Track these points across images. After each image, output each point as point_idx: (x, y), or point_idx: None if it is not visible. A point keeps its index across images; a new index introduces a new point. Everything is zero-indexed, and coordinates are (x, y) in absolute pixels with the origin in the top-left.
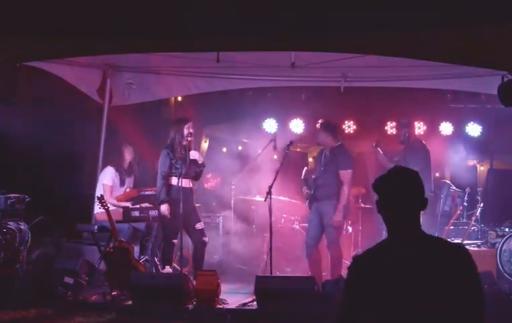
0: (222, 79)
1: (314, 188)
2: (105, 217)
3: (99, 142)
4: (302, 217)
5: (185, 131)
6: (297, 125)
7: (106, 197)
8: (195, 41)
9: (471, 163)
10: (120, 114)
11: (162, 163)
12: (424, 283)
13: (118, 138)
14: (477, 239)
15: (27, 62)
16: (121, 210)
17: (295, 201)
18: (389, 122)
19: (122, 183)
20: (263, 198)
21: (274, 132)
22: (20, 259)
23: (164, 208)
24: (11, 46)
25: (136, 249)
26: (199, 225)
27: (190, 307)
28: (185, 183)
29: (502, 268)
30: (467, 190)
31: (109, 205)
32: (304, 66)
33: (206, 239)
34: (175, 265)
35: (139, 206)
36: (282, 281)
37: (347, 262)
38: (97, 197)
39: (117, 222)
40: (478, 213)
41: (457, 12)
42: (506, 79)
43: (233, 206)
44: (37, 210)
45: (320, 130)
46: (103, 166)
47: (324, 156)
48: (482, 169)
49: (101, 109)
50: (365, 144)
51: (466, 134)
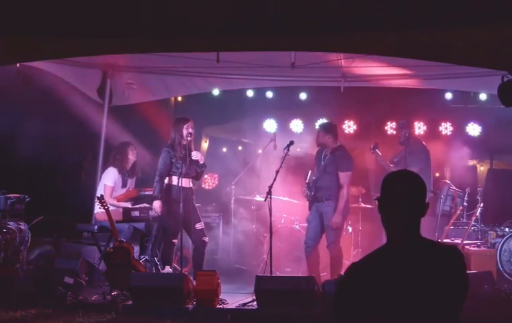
0: (222, 79)
1: (314, 189)
2: (105, 217)
3: (99, 142)
4: (302, 217)
5: (185, 131)
6: (297, 125)
7: (106, 198)
8: (195, 41)
9: (471, 163)
10: (120, 114)
11: (162, 161)
12: (420, 291)
13: (122, 139)
14: (477, 239)
15: (27, 62)
16: (121, 210)
17: (295, 201)
18: (389, 122)
19: (124, 184)
20: (263, 198)
21: (274, 132)
22: (20, 259)
23: (156, 205)
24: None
25: (136, 249)
26: (200, 225)
27: (190, 307)
28: (185, 183)
29: (502, 268)
30: (467, 190)
31: (109, 205)
32: (304, 66)
33: (206, 239)
34: (175, 265)
35: (139, 206)
36: (282, 281)
37: (347, 262)
38: (97, 197)
39: (117, 222)
40: (478, 213)
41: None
42: (506, 79)
43: (233, 206)
44: (37, 210)
45: (320, 131)
46: (106, 166)
47: (324, 157)
48: (482, 169)
49: (101, 109)
50: (365, 144)
51: (466, 134)
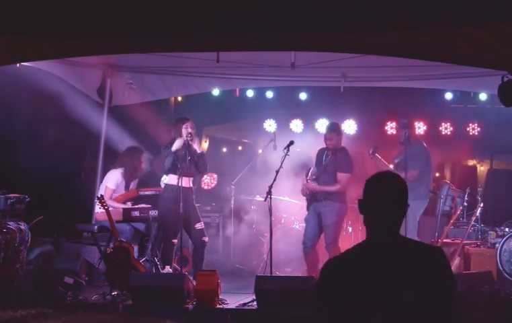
0: (222, 79)
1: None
2: (105, 217)
3: (99, 142)
4: (301, 217)
5: (184, 131)
6: (297, 125)
7: (106, 200)
8: (195, 41)
9: (471, 163)
10: (120, 114)
11: (167, 160)
12: (397, 287)
13: (134, 145)
14: (477, 239)
15: (27, 62)
16: (121, 210)
17: (295, 201)
18: (389, 122)
19: (127, 187)
20: (263, 198)
21: (274, 132)
22: (20, 259)
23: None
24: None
25: (136, 249)
26: (199, 225)
27: (190, 307)
28: (185, 183)
29: (502, 268)
30: (467, 190)
31: (109, 206)
32: (304, 66)
33: (206, 239)
34: (175, 265)
35: (139, 206)
36: (282, 281)
37: None
38: (97, 197)
39: (117, 222)
40: (478, 213)
41: (457, 12)
42: (506, 79)
43: (233, 206)
44: (37, 210)
45: (332, 133)
46: (111, 167)
47: (326, 156)
48: (482, 169)
49: (101, 109)
50: (365, 144)
51: (466, 134)
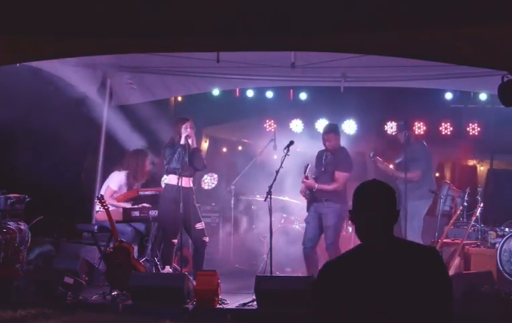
0: (222, 79)
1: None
2: (105, 217)
3: (99, 142)
4: (302, 217)
5: (184, 131)
6: (297, 125)
7: (106, 199)
8: (195, 41)
9: (471, 163)
10: (120, 114)
11: (170, 157)
12: (393, 288)
13: (139, 148)
14: (477, 239)
15: (27, 62)
16: (121, 210)
17: (295, 201)
18: (389, 122)
19: (129, 190)
20: (263, 198)
21: (274, 132)
22: (20, 259)
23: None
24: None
25: (136, 249)
26: (200, 225)
27: (190, 307)
28: (185, 183)
29: (502, 268)
30: (467, 190)
31: (109, 205)
32: (304, 66)
33: (206, 239)
34: (175, 265)
35: (139, 206)
36: (282, 281)
37: None
38: (97, 197)
39: (117, 222)
40: (478, 213)
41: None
42: (506, 79)
43: (233, 206)
44: (37, 210)
45: (330, 133)
46: (115, 169)
47: (325, 157)
48: (482, 169)
49: (101, 109)
50: (365, 144)
51: (466, 134)
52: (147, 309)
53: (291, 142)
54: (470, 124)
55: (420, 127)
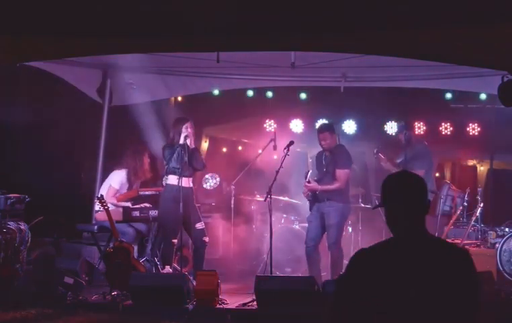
0: (222, 79)
1: None
2: (105, 217)
3: (99, 143)
4: (302, 217)
5: (183, 130)
6: (297, 125)
7: (107, 198)
8: (195, 41)
9: (471, 163)
10: (120, 114)
11: (169, 157)
12: (422, 284)
13: (137, 145)
14: (477, 239)
15: (27, 62)
16: (121, 210)
17: (295, 201)
18: (389, 122)
19: (131, 188)
20: (263, 198)
21: (274, 132)
22: (20, 259)
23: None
24: (11, 46)
25: (136, 249)
26: (200, 225)
27: (190, 307)
28: (185, 182)
29: (502, 268)
30: (467, 190)
31: (109, 205)
32: (304, 66)
33: (206, 239)
34: (175, 265)
35: (139, 206)
36: (282, 281)
37: (346, 263)
38: (97, 197)
39: (117, 222)
40: (478, 213)
41: (457, 12)
42: (506, 79)
43: (233, 206)
44: (37, 210)
45: (325, 132)
46: (116, 167)
47: (325, 158)
48: (482, 169)
49: (101, 109)
50: (365, 144)
51: (466, 134)
52: (147, 309)
53: (291, 142)
54: (470, 124)
55: (420, 127)
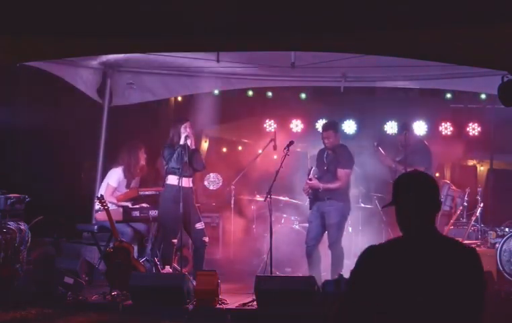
0: (222, 79)
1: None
2: (105, 217)
3: (99, 143)
4: (302, 217)
5: (183, 131)
6: (297, 125)
7: (106, 197)
8: (195, 41)
9: (471, 163)
10: (120, 114)
11: (169, 158)
12: (431, 284)
13: (132, 141)
14: (477, 239)
15: (27, 62)
16: (121, 210)
17: (295, 201)
18: (389, 122)
19: (129, 185)
20: (263, 198)
21: (274, 132)
22: (20, 259)
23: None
24: (11, 46)
25: (136, 250)
26: (200, 225)
27: (190, 307)
28: (185, 182)
29: (502, 268)
30: (467, 190)
31: (109, 205)
32: (304, 66)
33: (206, 239)
34: (175, 265)
35: (139, 206)
36: (282, 281)
37: (347, 262)
38: (97, 197)
39: (117, 222)
40: (478, 213)
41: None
42: (506, 79)
43: (233, 206)
44: (37, 210)
45: (329, 130)
46: (112, 166)
47: (326, 156)
48: (482, 169)
49: (101, 109)
50: (365, 144)
51: (466, 134)
52: (147, 309)
53: (291, 142)
54: (470, 124)
55: (420, 127)
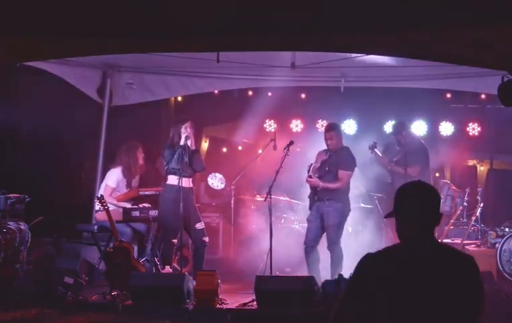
0: (222, 79)
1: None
2: (105, 217)
3: (99, 143)
4: (302, 217)
5: (183, 131)
6: (297, 125)
7: (106, 198)
8: (195, 41)
9: (471, 163)
10: (120, 114)
11: (169, 158)
12: (429, 293)
13: (130, 141)
14: (477, 239)
15: (27, 62)
16: (121, 210)
17: (295, 201)
18: (389, 122)
19: (129, 185)
20: (263, 198)
21: (274, 132)
22: (20, 259)
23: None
24: (11, 46)
25: (136, 250)
26: (200, 225)
27: (190, 307)
28: (185, 183)
29: (502, 268)
30: (467, 190)
31: (109, 205)
32: (304, 66)
33: (206, 239)
34: (175, 265)
35: (139, 206)
36: (282, 281)
37: (347, 263)
38: (97, 197)
39: (117, 222)
40: (478, 213)
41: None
42: (506, 79)
43: (233, 206)
44: (37, 210)
45: (332, 132)
46: (111, 166)
47: (328, 157)
48: (482, 169)
49: (101, 109)
50: (365, 144)
51: (466, 134)
52: (147, 309)
53: (291, 142)
54: (470, 124)
55: (420, 127)
